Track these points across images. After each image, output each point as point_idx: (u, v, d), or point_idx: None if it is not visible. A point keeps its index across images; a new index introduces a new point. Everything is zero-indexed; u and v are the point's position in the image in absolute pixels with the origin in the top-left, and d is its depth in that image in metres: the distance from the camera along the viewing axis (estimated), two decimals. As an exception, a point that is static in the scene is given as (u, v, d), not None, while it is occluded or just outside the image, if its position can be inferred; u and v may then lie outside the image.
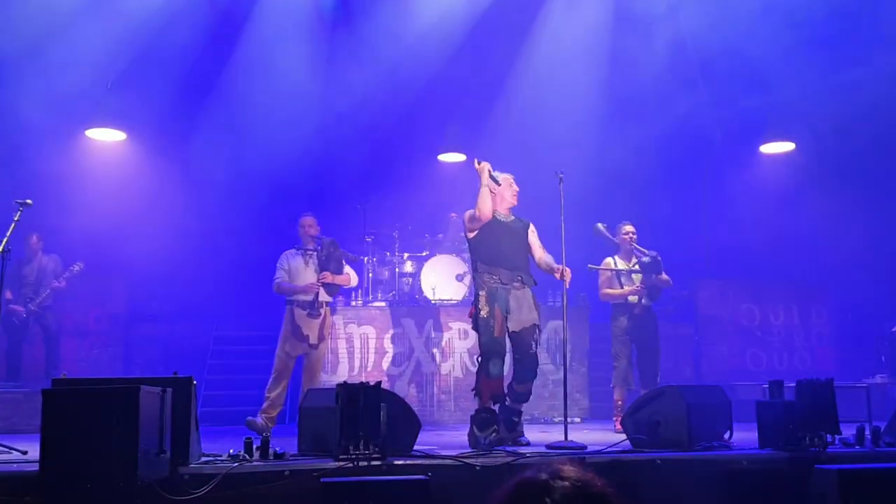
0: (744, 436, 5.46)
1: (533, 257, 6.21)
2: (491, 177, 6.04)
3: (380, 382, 4.73)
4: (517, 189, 6.22)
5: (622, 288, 7.78)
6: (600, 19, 10.31)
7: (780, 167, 11.03)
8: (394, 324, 9.04)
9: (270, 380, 7.11)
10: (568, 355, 6.59)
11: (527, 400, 6.10)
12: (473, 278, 6.14)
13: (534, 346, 5.95)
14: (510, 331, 5.89)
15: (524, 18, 10.54)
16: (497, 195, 6.08)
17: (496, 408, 5.86)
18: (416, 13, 9.97)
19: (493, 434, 5.65)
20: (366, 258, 9.72)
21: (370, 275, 9.67)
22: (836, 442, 5.09)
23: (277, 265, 7.29)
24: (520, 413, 6.04)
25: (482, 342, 5.87)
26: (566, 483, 1.34)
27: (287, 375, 7.17)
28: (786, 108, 10.22)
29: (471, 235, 6.10)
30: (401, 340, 8.99)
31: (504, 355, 5.87)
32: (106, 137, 9.21)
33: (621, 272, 7.81)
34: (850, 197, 10.59)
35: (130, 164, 10.26)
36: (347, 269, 7.38)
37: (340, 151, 10.97)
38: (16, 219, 5.99)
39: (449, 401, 9.13)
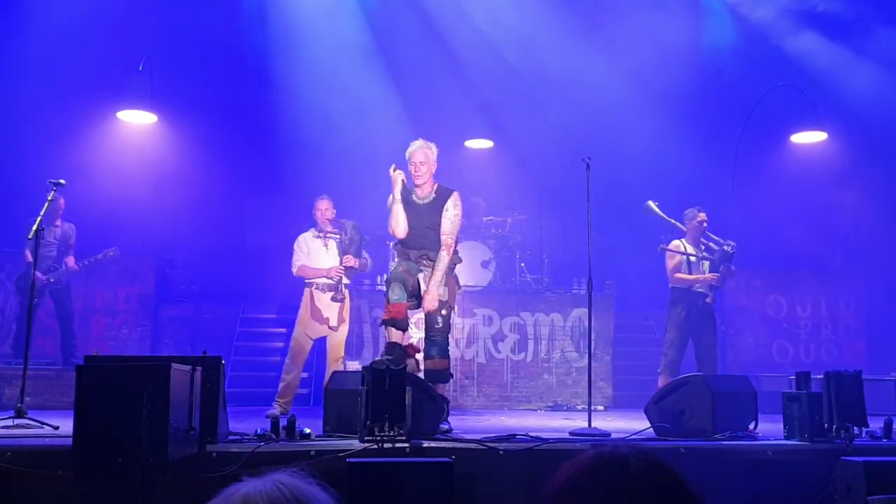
0: (769, 427, 5.44)
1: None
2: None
3: (405, 366, 4.76)
4: (420, 161, 5.75)
5: (690, 274, 7.45)
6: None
7: (810, 157, 10.88)
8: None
9: (287, 361, 7.12)
10: (592, 343, 6.59)
11: (442, 381, 5.68)
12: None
13: (439, 321, 5.59)
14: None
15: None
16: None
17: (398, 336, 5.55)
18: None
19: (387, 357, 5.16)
20: (391, 243, 9.74)
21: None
22: (863, 434, 5.05)
23: (295, 248, 7.27)
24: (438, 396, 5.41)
25: (387, 279, 5.82)
26: (645, 462, 1.34)
27: (304, 358, 7.17)
28: (818, 97, 10.07)
29: None
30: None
31: (406, 284, 5.56)
32: (137, 119, 9.28)
33: (690, 259, 7.43)
34: (880, 187, 10.43)
35: (161, 146, 10.36)
36: (365, 253, 7.39)
37: (368, 139, 10.98)
38: (49, 199, 6.07)
39: (472, 386, 9.17)
